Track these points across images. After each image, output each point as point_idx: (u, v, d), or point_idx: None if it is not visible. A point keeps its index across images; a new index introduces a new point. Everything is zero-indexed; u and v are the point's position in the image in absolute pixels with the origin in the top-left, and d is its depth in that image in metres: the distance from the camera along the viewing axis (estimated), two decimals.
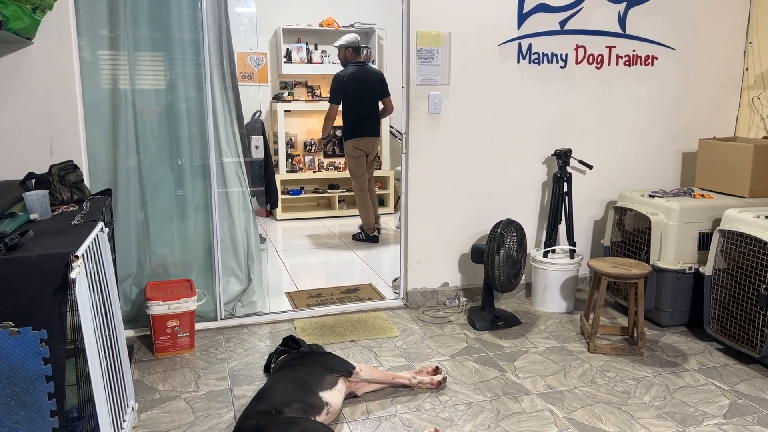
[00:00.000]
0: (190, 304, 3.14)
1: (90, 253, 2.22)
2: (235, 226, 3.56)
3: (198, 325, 3.44)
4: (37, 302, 2.03)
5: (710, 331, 3.30)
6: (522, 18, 3.76)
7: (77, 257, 2.02)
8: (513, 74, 3.82)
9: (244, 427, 2.28)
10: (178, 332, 3.14)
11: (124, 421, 2.35)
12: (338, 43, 5.34)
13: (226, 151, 3.48)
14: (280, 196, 6.27)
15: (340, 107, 5.31)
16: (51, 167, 2.75)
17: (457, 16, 3.64)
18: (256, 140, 3.46)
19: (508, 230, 3.55)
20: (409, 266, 3.87)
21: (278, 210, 6.37)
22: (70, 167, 2.84)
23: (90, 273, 2.17)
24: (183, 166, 3.42)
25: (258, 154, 3.47)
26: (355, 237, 5.66)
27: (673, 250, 3.45)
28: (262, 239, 5.45)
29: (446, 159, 3.79)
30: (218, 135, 3.45)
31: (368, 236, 5.56)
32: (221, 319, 3.54)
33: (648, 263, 3.50)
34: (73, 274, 1.97)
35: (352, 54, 5.32)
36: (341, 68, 5.35)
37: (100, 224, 2.41)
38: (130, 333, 3.36)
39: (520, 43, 3.79)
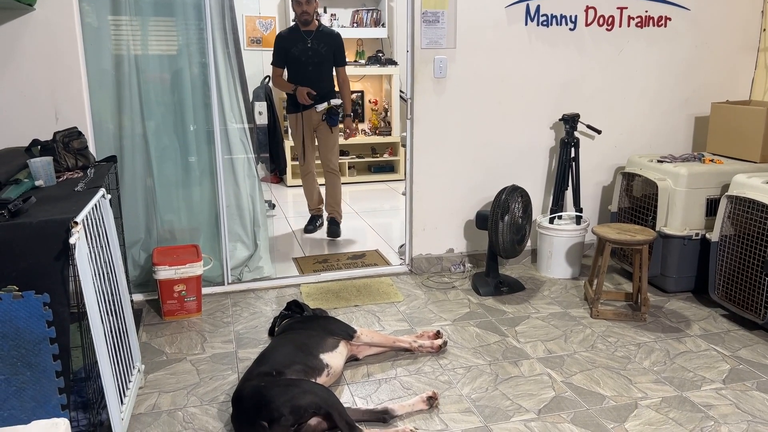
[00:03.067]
0: (196, 269, 3.20)
1: (91, 218, 2.26)
2: (241, 192, 3.59)
3: (206, 290, 3.51)
4: (39, 267, 2.08)
5: (715, 297, 3.28)
6: None
7: (76, 223, 2.05)
8: (520, 37, 3.74)
9: (245, 388, 2.34)
10: (185, 296, 3.20)
11: (129, 381, 2.42)
12: None
13: (230, 117, 3.48)
14: (289, 163, 6.28)
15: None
16: (55, 134, 2.78)
17: None
18: (260, 106, 3.45)
19: (512, 197, 3.53)
20: (414, 232, 3.88)
21: (288, 176, 6.38)
22: (74, 134, 2.87)
23: (91, 238, 2.22)
24: (188, 132, 3.43)
25: (261, 120, 3.47)
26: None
27: (679, 216, 3.41)
28: (272, 205, 5.50)
29: (452, 124, 3.75)
30: (222, 101, 3.45)
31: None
32: (228, 283, 3.60)
33: (654, 229, 3.47)
34: (72, 240, 2.01)
35: None
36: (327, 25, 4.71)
37: (102, 191, 2.45)
38: (140, 297, 3.44)
39: (528, 5, 3.70)
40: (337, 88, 4.58)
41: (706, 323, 3.20)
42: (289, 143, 6.34)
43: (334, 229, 4.72)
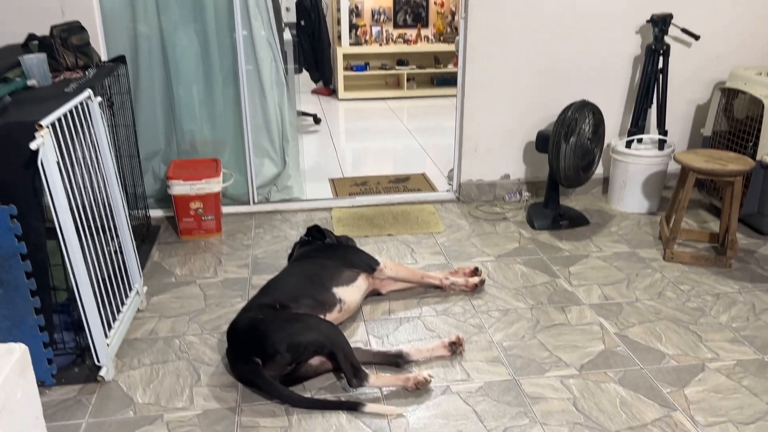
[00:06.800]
0: (213, 186, 2.93)
1: (70, 122, 1.99)
2: (267, 102, 3.22)
3: (230, 209, 3.27)
4: (5, 175, 1.85)
5: None
6: None
7: (41, 126, 1.78)
8: None
9: (241, 320, 2.08)
10: (202, 215, 2.96)
11: (122, 304, 2.22)
12: None
13: (255, 14, 3.07)
14: (342, 73, 5.81)
15: None
16: (52, 28, 2.51)
17: None
18: (286, 1, 3.01)
19: (581, 114, 2.98)
20: (464, 154, 3.42)
21: (341, 88, 5.94)
22: (75, 29, 2.59)
23: (69, 145, 1.95)
24: (207, 33, 3.06)
25: (289, 17, 3.03)
26: None
27: None
28: (317, 119, 5.14)
29: (514, 25, 3.18)
30: None
31: None
32: (254, 203, 3.33)
33: (755, 158, 2.85)
34: (33, 145, 1.75)
35: None
36: None
37: (88, 91, 2.16)
38: (159, 213, 3.23)
39: None
40: None
41: None
42: (342, 50, 5.82)
43: None
